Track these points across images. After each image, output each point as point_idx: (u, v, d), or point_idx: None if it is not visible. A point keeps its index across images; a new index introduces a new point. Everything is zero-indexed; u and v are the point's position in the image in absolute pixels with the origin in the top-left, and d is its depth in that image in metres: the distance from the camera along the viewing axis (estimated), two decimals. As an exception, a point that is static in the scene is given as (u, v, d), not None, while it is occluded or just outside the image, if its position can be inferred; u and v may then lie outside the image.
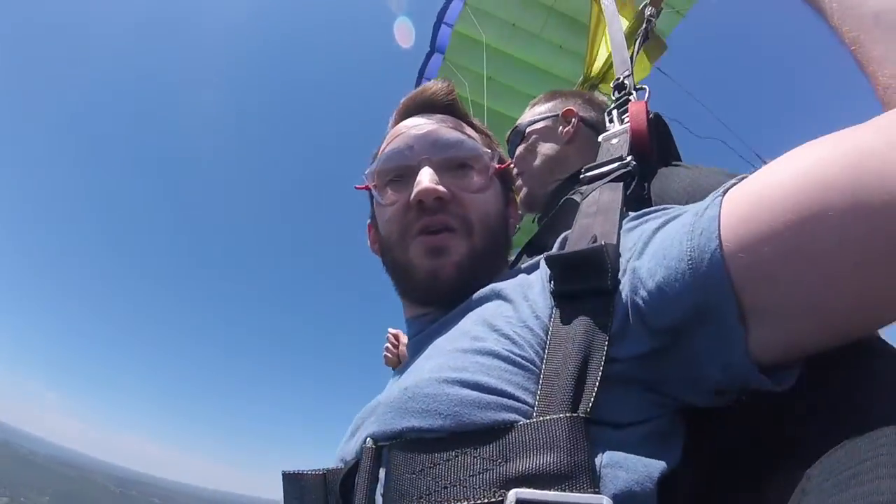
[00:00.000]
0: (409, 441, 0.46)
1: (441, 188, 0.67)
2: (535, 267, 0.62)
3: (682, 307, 0.42)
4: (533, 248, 1.02)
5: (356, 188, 0.81)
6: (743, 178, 0.45)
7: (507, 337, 0.49)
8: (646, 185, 0.91)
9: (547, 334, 0.48)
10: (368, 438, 0.50)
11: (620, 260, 0.50)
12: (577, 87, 2.53)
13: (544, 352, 0.47)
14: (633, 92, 1.18)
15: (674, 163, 1.02)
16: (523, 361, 0.47)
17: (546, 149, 1.28)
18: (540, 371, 0.46)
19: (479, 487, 0.41)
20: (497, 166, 0.77)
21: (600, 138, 1.02)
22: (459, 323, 0.58)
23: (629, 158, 0.80)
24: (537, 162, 1.28)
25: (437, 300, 0.68)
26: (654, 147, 0.96)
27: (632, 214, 0.59)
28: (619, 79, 1.25)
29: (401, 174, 0.73)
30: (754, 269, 0.39)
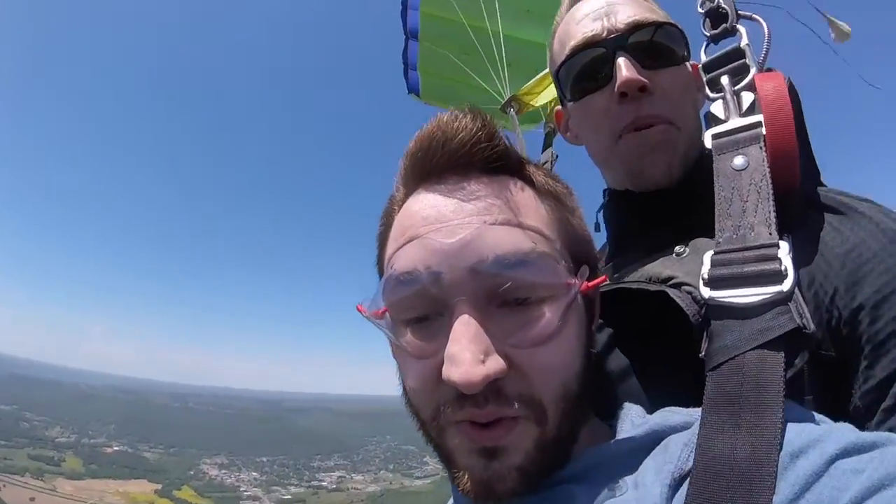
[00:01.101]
0: None
1: (493, 367, 0.46)
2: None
3: None
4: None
5: (358, 310, 0.57)
6: None
7: None
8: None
9: None
10: None
11: None
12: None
13: None
14: (742, 29, 0.78)
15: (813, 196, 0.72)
16: None
17: (697, 103, 0.84)
18: None
19: None
20: (584, 285, 0.53)
21: (708, 138, 0.69)
22: None
23: (790, 281, 0.52)
24: (692, 122, 0.82)
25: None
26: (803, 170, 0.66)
27: None
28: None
29: (424, 314, 0.52)
30: None
